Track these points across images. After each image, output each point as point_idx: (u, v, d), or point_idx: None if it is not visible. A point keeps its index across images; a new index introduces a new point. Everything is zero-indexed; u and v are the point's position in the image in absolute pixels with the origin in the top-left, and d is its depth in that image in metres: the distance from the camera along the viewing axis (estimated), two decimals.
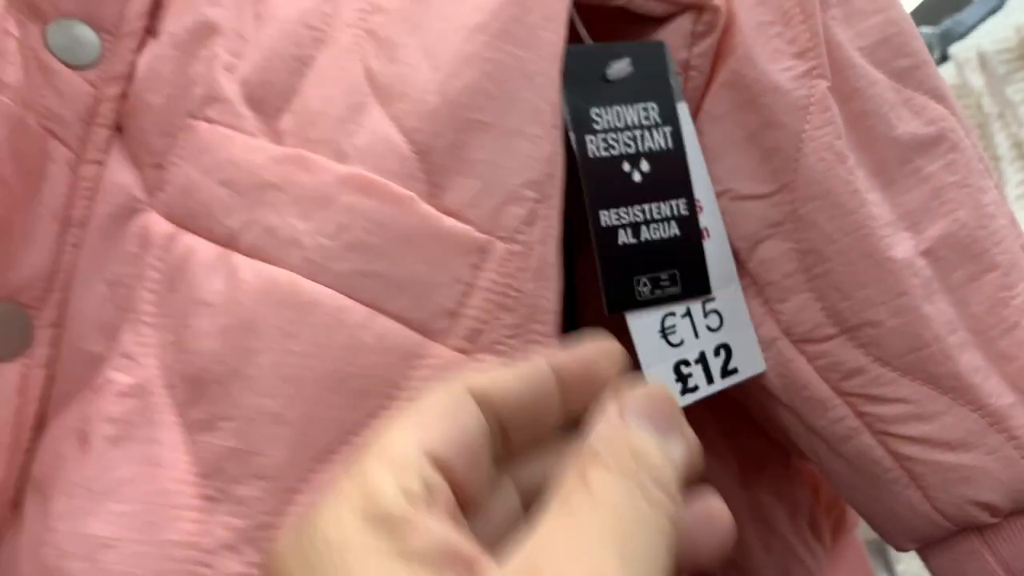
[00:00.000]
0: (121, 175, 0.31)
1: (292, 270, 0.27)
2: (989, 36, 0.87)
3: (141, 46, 0.32)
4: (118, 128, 0.32)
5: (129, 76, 0.32)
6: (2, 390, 0.29)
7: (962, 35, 1.10)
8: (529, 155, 0.30)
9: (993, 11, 0.97)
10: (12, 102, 0.29)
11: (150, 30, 0.33)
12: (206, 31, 0.32)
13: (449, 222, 0.28)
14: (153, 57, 0.32)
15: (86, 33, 0.32)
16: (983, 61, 0.85)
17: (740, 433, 0.46)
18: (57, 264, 0.30)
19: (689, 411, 0.41)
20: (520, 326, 0.29)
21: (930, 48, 1.19)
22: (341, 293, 0.27)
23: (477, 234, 0.29)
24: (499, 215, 0.29)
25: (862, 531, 0.58)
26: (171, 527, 0.25)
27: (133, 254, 0.30)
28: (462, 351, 0.28)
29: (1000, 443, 0.32)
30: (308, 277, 0.27)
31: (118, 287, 0.29)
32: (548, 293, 0.30)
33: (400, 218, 0.28)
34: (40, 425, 0.30)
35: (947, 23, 1.19)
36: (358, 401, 0.26)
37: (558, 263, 0.31)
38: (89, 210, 0.31)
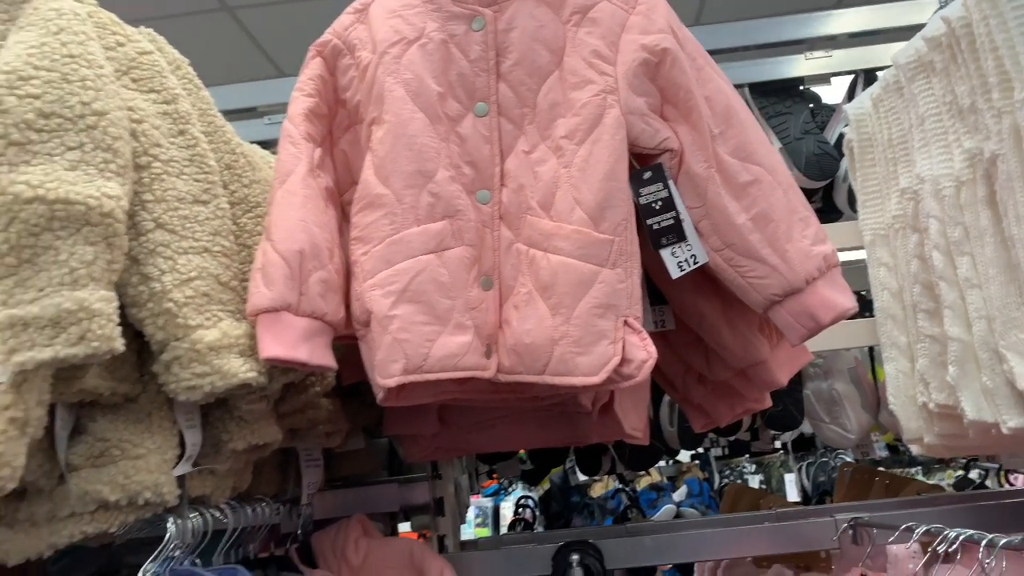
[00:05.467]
0: (506, 233, 1.08)
1: (565, 256, 1.03)
2: (903, 53, 1.39)
3: (500, 190, 1.09)
4: (501, 218, 1.09)
5: (500, 202, 1.09)
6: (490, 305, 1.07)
7: None
8: (623, 210, 1.05)
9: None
10: (475, 234, 1.07)
11: (503, 184, 1.09)
12: (521, 188, 1.08)
13: (602, 236, 1.03)
14: (508, 196, 1.09)
15: (484, 193, 1.10)
16: (899, 68, 1.41)
17: (720, 290, 1.19)
18: (495, 261, 1.08)
19: (695, 285, 1.23)
20: (629, 259, 1.04)
21: None
22: (578, 260, 1.03)
23: (609, 237, 1.04)
24: (615, 230, 1.04)
25: None
26: None
27: (515, 255, 1.07)
28: (611, 269, 1.03)
29: (776, 275, 1.05)
30: (570, 257, 1.03)
31: (515, 264, 1.07)
32: (636, 248, 1.05)
33: (589, 237, 1.03)
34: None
35: None
36: (584, 289, 1.03)
37: (637, 239, 1.06)
38: (499, 242, 1.08)
